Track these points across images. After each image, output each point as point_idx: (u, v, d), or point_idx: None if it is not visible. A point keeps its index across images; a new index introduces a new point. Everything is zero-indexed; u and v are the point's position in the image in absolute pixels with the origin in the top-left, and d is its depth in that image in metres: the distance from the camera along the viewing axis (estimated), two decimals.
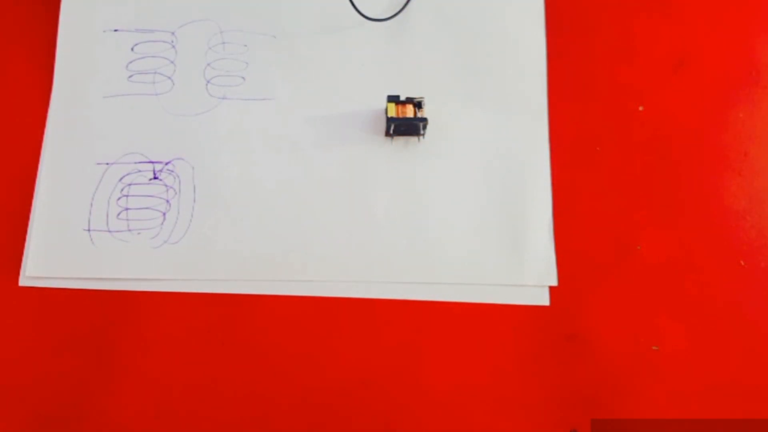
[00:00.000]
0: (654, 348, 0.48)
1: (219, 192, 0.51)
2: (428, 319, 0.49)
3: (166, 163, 0.52)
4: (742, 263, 0.50)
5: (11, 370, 0.48)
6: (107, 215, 0.51)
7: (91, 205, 0.51)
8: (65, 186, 0.51)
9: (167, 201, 0.51)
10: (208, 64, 0.54)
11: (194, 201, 0.51)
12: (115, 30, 0.54)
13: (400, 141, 0.52)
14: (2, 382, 0.48)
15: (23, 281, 0.50)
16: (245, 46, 0.54)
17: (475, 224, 0.51)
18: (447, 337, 0.49)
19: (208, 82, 0.53)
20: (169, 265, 0.50)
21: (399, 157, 0.52)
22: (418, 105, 0.50)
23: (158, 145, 0.52)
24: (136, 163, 0.52)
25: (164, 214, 0.51)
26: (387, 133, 0.51)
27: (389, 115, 0.50)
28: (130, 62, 0.54)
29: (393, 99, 0.50)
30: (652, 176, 0.51)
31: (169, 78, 0.54)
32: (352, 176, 0.51)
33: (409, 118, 0.50)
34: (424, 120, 0.50)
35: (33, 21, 0.55)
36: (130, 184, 0.51)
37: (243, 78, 0.54)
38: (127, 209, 0.51)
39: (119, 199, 0.51)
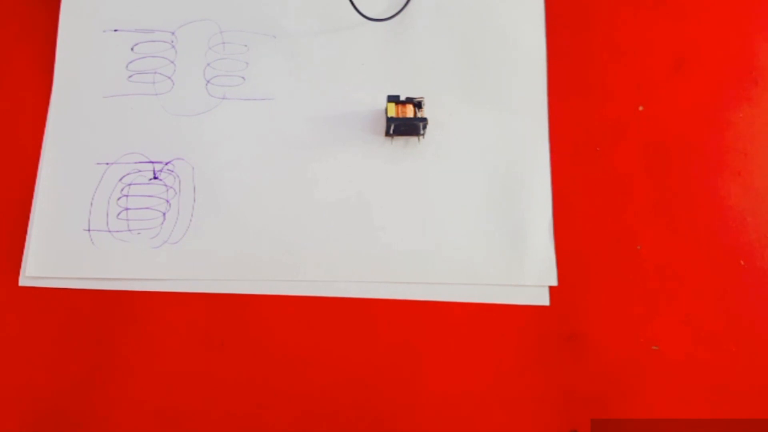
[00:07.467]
0: (654, 348, 0.48)
1: (219, 192, 0.51)
2: (428, 319, 0.49)
3: (166, 163, 0.52)
4: (742, 263, 0.50)
5: (11, 370, 0.48)
6: (107, 215, 0.51)
7: (91, 205, 0.51)
8: (65, 186, 0.51)
9: (167, 201, 0.51)
10: (208, 64, 0.54)
11: (194, 201, 0.51)
12: (115, 30, 0.54)
13: (400, 141, 0.52)
14: (2, 382, 0.48)
15: (23, 281, 0.50)
16: (245, 46, 0.54)
17: (475, 224, 0.51)
18: (447, 338, 0.49)
19: (208, 82, 0.53)
20: (169, 265, 0.50)
21: (399, 157, 0.52)
22: (418, 105, 0.50)
23: (158, 145, 0.52)
24: (136, 163, 0.52)
25: (164, 214, 0.51)
26: (387, 133, 0.51)
27: (389, 115, 0.50)
28: (130, 62, 0.54)
29: (393, 99, 0.50)
30: (652, 176, 0.51)
31: (169, 78, 0.54)
32: (352, 176, 0.51)
33: (409, 118, 0.50)
34: (424, 120, 0.50)
35: (33, 21, 0.55)
36: (130, 184, 0.51)
37: (243, 78, 0.54)
38: (127, 209, 0.51)
39: (119, 199, 0.51)
